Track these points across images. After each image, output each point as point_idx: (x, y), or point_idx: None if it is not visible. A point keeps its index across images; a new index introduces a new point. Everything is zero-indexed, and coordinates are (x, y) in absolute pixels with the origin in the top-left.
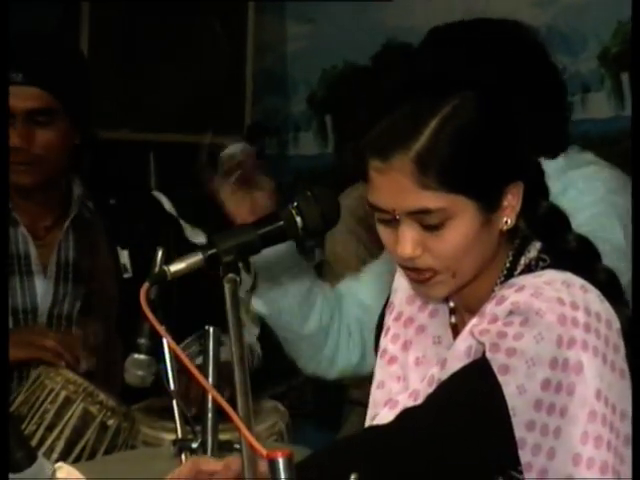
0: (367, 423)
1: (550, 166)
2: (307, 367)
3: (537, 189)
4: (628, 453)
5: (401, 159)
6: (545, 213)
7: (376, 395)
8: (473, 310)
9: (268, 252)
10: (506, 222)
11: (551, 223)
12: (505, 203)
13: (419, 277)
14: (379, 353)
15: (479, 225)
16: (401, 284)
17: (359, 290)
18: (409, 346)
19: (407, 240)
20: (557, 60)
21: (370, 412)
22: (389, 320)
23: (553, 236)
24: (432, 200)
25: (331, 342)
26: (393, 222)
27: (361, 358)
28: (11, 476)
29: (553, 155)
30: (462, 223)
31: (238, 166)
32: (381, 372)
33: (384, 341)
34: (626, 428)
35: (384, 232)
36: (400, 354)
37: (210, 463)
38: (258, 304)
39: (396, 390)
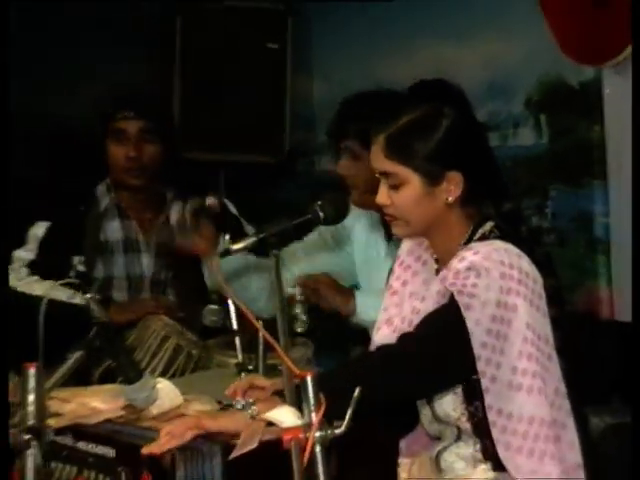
0: (372, 335)
1: None
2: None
3: (500, 190)
4: (550, 365)
5: (380, 138)
6: (509, 208)
7: (381, 315)
8: (445, 262)
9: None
10: (447, 198)
11: (512, 216)
12: (445, 184)
13: (388, 219)
14: (387, 288)
15: (423, 193)
16: (405, 244)
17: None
18: (406, 284)
19: (381, 192)
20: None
21: (376, 326)
22: (395, 266)
23: (511, 223)
24: (390, 166)
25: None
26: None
27: None
28: (126, 387)
29: None
30: (410, 187)
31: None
32: (386, 300)
33: (391, 279)
34: (547, 348)
35: (379, 190)
36: (400, 289)
37: (260, 380)
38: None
39: (394, 313)
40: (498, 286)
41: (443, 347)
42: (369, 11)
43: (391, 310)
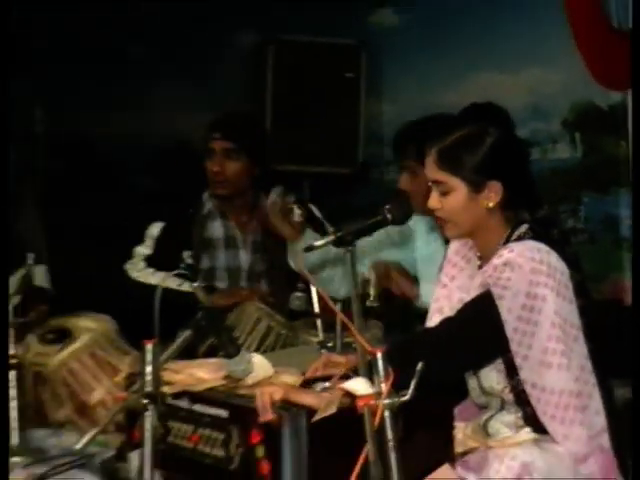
0: (427, 321)
1: None
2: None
3: (534, 198)
4: (575, 345)
5: (433, 151)
6: (542, 214)
7: (433, 305)
8: (487, 260)
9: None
10: (488, 204)
11: (544, 220)
12: (486, 192)
13: (439, 222)
14: (438, 282)
15: (468, 199)
16: (453, 244)
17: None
18: (454, 279)
19: (433, 198)
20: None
21: (429, 315)
22: (445, 264)
23: (543, 226)
24: (441, 176)
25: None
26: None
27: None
28: (226, 361)
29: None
30: (457, 194)
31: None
32: (437, 293)
33: (441, 275)
34: (573, 331)
35: (430, 196)
36: (449, 283)
37: (336, 357)
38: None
39: (444, 304)
40: (528, 280)
41: (475, 330)
42: (430, 45)
43: (442, 301)
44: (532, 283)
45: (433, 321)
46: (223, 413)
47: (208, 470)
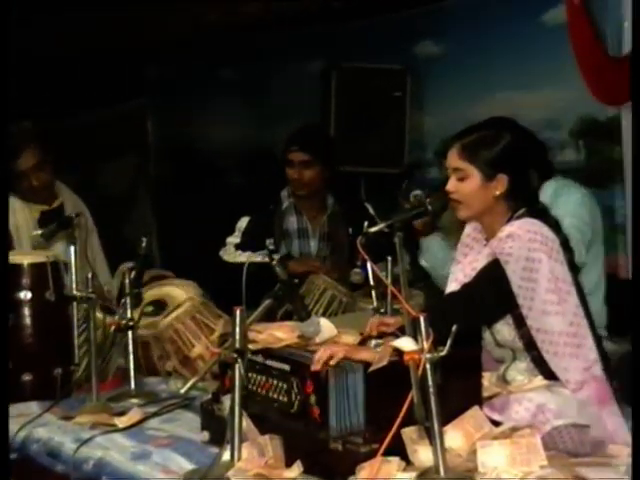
0: (446, 289)
1: (549, 186)
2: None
3: (530, 192)
4: (568, 297)
5: (457, 143)
6: (540, 207)
7: (450, 277)
8: (492, 237)
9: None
10: (495, 193)
11: (541, 209)
12: (495, 182)
13: (453, 204)
14: (454, 260)
15: (479, 186)
16: (466, 229)
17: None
18: (467, 256)
19: (451, 182)
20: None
21: (448, 285)
22: (459, 246)
23: (539, 213)
24: (461, 164)
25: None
26: (450, 175)
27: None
28: (299, 324)
29: (547, 179)
30: (471, 181)
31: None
32: (453, 268)
33: (456, 255)
34: (565, 286)
35: (449, 181)
36: (462, 259)
37: (388, 318)
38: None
39: (459, 276)
40: (527, 247)
41: (489, 290)
42: (462, 69)
43: (457, 273)
44: (530, 249)
45: (451, 288)
46: (286, 367)
47: (276, 412)
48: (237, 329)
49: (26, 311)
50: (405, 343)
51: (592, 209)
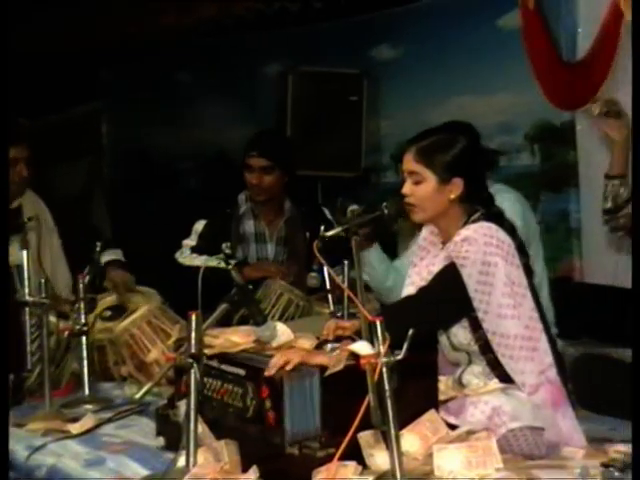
0: (402, 292)
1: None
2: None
3: (485, 195)
4: (523, 300)
5: (412, 147)
6: (496, 210)
7: (407, 280)
8: (449, 240)
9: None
10: (450, 196)
11: (495, 212)
12: (450, 185)
13: (408, 208)
14: (411, 264)
15: (435, 190)
16: (423, 232)
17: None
18: (423, 259)
19: (406, 186)
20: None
21: (404, 288)
22: (415, 249)
23: (494, 216)
24: (417, 167)
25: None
26: (406, 178)
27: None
28: (255, 328)
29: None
30: (427, 184)
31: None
32: (410, 271)
33: (413, 258)
34: (521, 290)
35: (404, 184)
36: (419, 263)
37: (344, 322)
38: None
39: (416, 279)
40: (483, 251)
41: (445, 293)
42: (419, 73)
43: (413, 277)
44: (486, 253)
45: (407, 291)
46: (241, 372)
47: (232, 417)
48: (193, 334)
49: None
50: (361, 347)
51: (524, 210)
